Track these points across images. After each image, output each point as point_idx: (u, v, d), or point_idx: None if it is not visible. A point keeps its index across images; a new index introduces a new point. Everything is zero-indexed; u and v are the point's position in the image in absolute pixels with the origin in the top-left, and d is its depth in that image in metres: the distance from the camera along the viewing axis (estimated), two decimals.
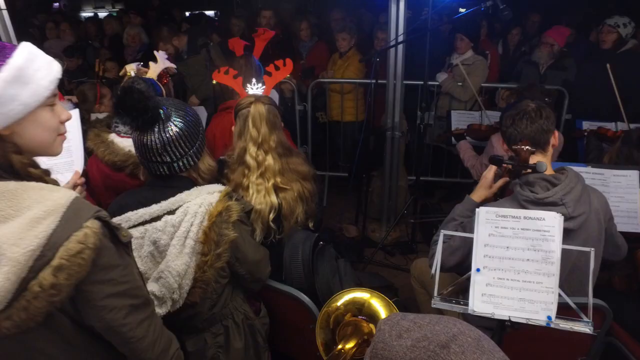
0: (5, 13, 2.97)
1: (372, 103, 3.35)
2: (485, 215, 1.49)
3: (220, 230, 1.41)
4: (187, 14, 7.31)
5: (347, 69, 4.39)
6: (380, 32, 4.33)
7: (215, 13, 7.97)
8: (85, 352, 1.12)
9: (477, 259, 1.49)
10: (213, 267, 1.43)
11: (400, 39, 3.28)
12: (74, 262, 0.93)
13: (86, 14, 9.73)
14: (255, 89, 2.05)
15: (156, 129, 1.40)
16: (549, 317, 1.41)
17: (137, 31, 5.31)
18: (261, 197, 1.84)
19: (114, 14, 8.48)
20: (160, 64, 2.31)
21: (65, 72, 4.66)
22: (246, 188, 1.85)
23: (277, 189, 1.86)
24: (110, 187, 2.01)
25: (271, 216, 1.85)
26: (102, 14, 8.48)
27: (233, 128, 1.96)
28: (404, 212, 3.86)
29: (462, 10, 4.14)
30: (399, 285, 3.15)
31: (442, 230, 1.66)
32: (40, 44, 4.59)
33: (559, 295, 1.42)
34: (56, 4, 8.68)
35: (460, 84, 4.04)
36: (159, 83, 2.18)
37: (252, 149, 1.84)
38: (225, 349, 1.61)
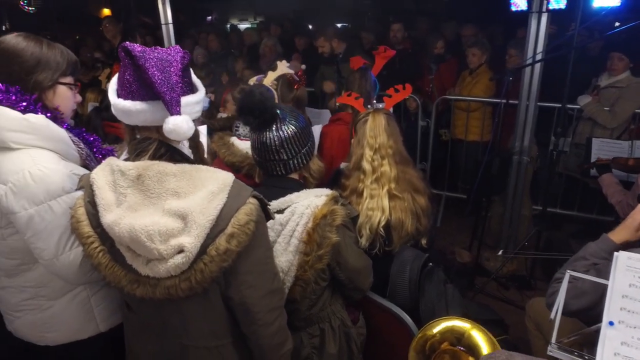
0: (170, 27, 3.55)
1: (500, 123, 3.14)
2: (626, 262, 1.28)
3: (323, 233, 1.44)
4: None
5: (475, 86, 4.19)
6: (513, 49, 4.06)
7: (343, 25, 8.20)
8: (223, 325, 1.23)
9: (611, 311, 1.28)
10: (313, 268, 1.47)
11: (539, 56, 3.03)
12: (243, 231, 1.09)
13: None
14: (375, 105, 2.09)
15: (274, 127, 1.50)
16: None
17: (273, 42, 5.69)
18: (374, 202, 1.84)
19: (255, 26, 9.24)
20: (278, 71, 2.49)
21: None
22: (360, 193, 1.87)
23: (390, 196, 1.86)
24: None
25: (382, 222, 1.84)
26: (243, 26, 9.30)
27: (352, 141, 2.01)
28: (524, 244, 3.54)
29: (617, 24, 3.66)
30: (510, 322, 2.88)
31: (568, 271, 1.47)
32: (191, 50, 5.25)
33: None
34: (209, 17, 9.84)
35: (607, 108, 3.58)
36: (271, 88, 2.33)
37: (368, 154, 1.88)
38: (319, 351, 1.64)
